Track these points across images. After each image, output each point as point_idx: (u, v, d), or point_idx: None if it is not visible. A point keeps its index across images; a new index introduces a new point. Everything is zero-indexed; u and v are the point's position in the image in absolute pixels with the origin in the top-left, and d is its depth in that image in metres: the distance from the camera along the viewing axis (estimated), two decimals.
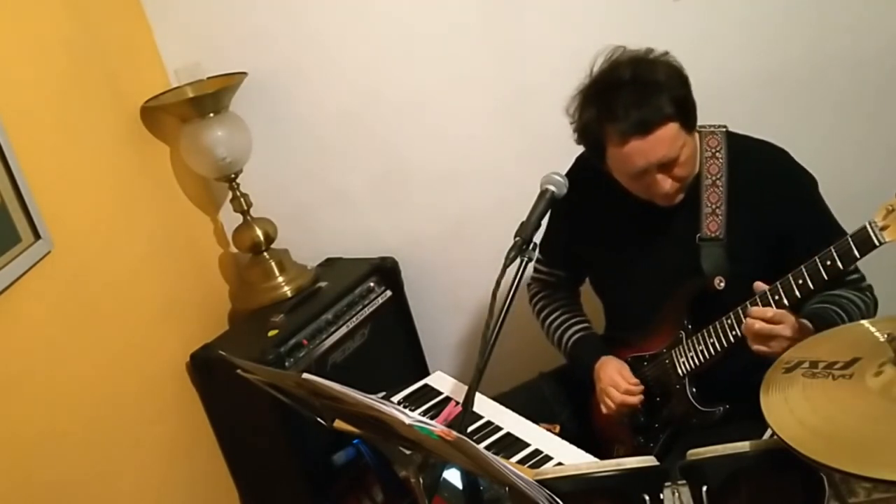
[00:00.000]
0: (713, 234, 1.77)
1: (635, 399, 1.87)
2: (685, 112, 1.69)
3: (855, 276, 1.80)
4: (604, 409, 1.91)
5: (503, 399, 1.92)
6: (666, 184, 1.72)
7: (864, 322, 1.39)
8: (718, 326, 1.74)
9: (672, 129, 1.66)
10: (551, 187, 1.60)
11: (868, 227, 1.48)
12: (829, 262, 1.54)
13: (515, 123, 2.50)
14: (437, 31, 2.45)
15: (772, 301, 1.64)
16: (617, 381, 1.89)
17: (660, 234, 1.85)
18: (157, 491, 2.21)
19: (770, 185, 1.77)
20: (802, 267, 1.59)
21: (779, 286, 1.63)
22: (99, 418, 2.03)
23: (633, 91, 1.65)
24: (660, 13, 2.28)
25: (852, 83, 2.27)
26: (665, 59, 1.71)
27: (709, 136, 1.82)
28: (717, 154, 1.80)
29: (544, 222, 1.65)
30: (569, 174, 1.92)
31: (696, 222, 1.79)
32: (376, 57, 2.52)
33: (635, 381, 1.89)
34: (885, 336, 1.27)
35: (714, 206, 1.78)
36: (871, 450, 1.12)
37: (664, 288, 1.84)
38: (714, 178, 1.79)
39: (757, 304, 1.67)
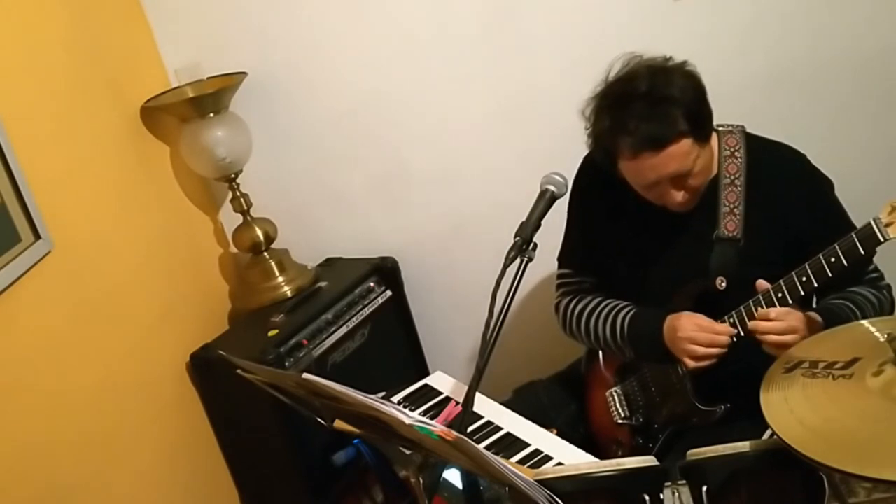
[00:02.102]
0: (731, 234, 1.77)
1: (724, 339, 1.72)
2: (699, 126, 1.67)
3: (873, 274, 1.80)
4: (689, 363, 1.75)
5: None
6: (678, 195, 1.72)
7: (864, 322, 1.40)
8: None
9: (685, 144, 1.65)
10: (551, 187, 1.59)
11: (872, 223, 1.49)
12: (833, 260, 1.55)
13: (515, 123, 2.50)
14: (438, 31, 2.45)
15: (775, 299, 1.64)
16: (701, 323, 1.75)
17: (677, 232, 1.83)
18: (156, 491, 2.21)
19: (787, 188, 1.77)
20: (806, 264, 1.59)
21: (782, 284, 1.63)
22: (99, 418, 2.03)
23: (647, 105, 1.63)
24: (660, 14, 2.28)
25: (854, 83, 2.26)
26: (682, 70, 1.70)
27: (727, 135, 1.81)
28: (736, 153, 1.79)
29: (544, 223, 1.64)
30: (578, 179, 1.93)
31: (713, 221, 1.78)
32: (377, 57, 2.52)
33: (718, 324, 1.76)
34: (885, 336, 1.27)
35: (732, 206, 1.77)
36: (871, 450, 1.12)
37: (674, 287, 1.84)
38: (733, 177, 1.78)
39: (760, 304, 1.66)
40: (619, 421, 1.95)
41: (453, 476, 1.56)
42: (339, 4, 2.48)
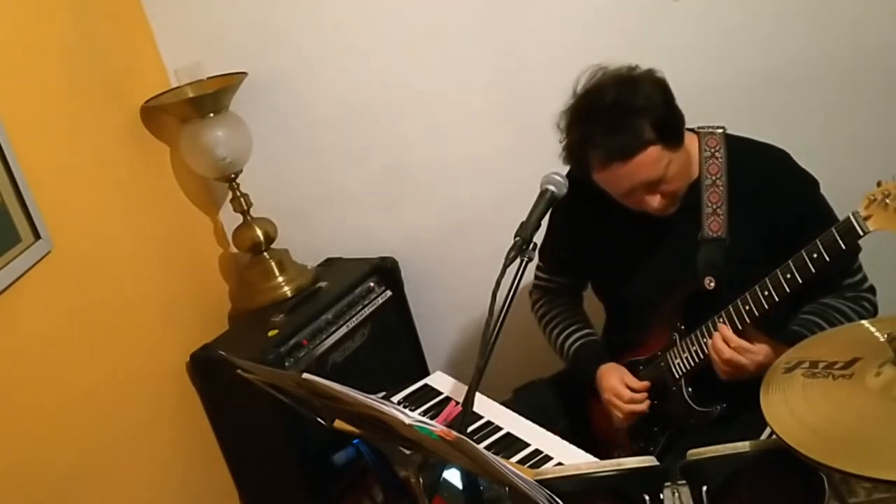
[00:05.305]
0: (715, 234, 1.77)
1: (642, 406, 1.86)
2: (667, 133, 1.68)
3: (854, 278, 1.79)
4: (615, 422, 1.90)
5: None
6: (654, 200, 1.73)
7: (864, 322, 1.39)
8: (711, 326, 1.74)
9: (654, 152, 1.66)
10: (551, 187, 1.60)
11: (851, 217, 1.49)
12: (815, 255, 1.55)
13: (515, 123, 2.50)
14: (437, 30, 2.45)
15: (761, 297, 1.63)
16: (620, 392, 1.87)
17: (662, 235, 1.84)
18: (156, 491, 2.21)
19: (771, 188, 1.77)
20: (790, 261, 1.59)
21: (768, 282, 1.63)
22: (99, 418, 2.03)
23: (614, 116, 1.65)
24: (659, 13, 2.28)
25: (851, 82, 2.26)
26: (649, 78, 1.70)
27: (708, 136, 1.82)
28: (717, 154, 1.80)
29: (544, 223, 1.65)
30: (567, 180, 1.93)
31: (697, 223, 1.78)
32: (376, 56, 2.52)
33: (639, 385, 1.87)
34: (885, 336, 1.27)
35: (715, 207, 1.78)
36: (871, 450, 1.12)
37: (663, 290, 1.84)
38: (714, 178, 1.78)
39: (748, 302, 1.66)
40: (628, 427, 1.95)
41: (453, 476, 1.56)
42: (338, 5, 2.48)
